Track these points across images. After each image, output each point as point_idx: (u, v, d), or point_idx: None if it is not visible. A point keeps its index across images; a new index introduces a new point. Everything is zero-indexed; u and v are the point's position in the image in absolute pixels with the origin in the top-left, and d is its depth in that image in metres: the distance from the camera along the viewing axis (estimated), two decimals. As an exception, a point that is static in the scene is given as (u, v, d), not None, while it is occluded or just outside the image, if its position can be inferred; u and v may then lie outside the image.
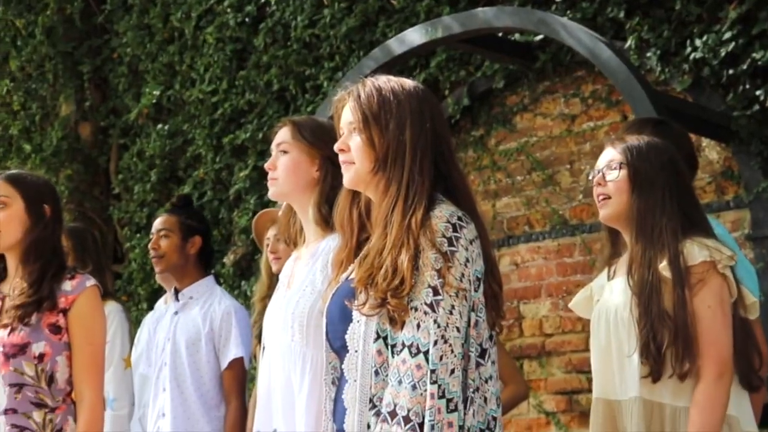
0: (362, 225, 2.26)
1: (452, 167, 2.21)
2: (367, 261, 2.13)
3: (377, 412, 2.07)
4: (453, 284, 2.06)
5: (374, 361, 2.10)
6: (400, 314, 2.06)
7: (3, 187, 3.03)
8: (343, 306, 2.16)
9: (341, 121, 2.27)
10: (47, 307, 2.92)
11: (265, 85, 6.36)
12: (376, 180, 2.19)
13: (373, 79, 2.25)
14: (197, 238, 4.07)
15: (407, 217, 2.11)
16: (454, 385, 2.03)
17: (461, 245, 2.09)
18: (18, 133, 7.37)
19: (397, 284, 2.06)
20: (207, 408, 3.86)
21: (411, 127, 2.17)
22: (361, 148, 2.20)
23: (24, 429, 2.87)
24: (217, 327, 3.91)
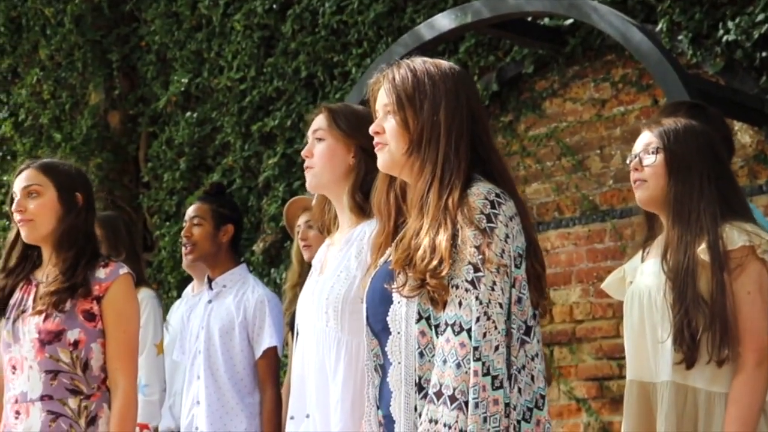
0: (399, 208, 2.24)
1: (490, 149, 2.20)
2: (404, 242, 2.12)
3: (425, 395, 2.05)
4: (493, 260, 2.03)
5: (418, 343, 2.08)
6: (440, 294, 2.04)
7: (35, 176, 3.04)
8: (382, 289, 2.15)
9: (376, 104, 2.26)
10: (81, 294, 2.93)
11: (293, 72, 6.35)
12: (410, 162, 2.18)
13: (408, 60, 2.24)
14: (229, 227, 4.07)
15: (443, 197, 2.09)
16: (498, 362, 2.01)
17: (500, 221, 2.07)
18: (48, 122, 7.40)
19: (436, 264, 2.04)
20: (241, 396, 3.88)
21: (445, 109, 2.16)
22: (395, 129, 2.19)
23: (59, 415, 2.88)
24: (250, 316, 3.92)
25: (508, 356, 2.04)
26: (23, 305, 2.97)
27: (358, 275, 2.72)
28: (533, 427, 2.07)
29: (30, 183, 3.03)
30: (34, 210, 2.99)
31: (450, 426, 1.99)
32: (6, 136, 7.65)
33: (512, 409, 2.03)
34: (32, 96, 7.51)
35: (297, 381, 2.84)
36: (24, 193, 3.02)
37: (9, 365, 2.96)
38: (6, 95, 7.69)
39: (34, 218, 2.99)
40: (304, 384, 2.80)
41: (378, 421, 2.20)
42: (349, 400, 2.66)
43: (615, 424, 5.04)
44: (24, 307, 2.97)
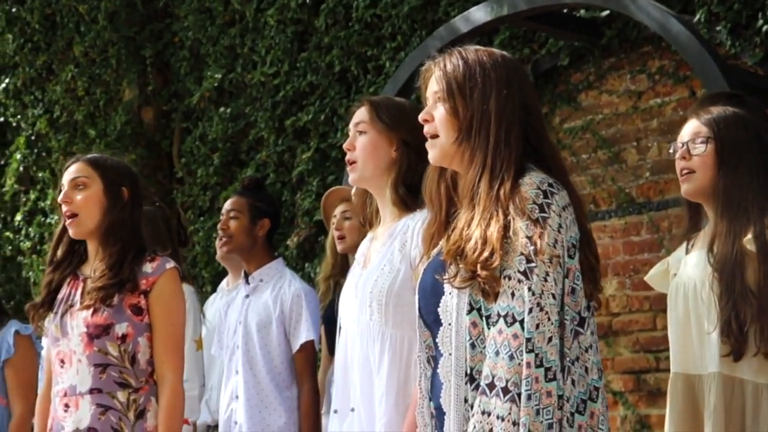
0: (450, 198, 2.23)
1: (543, 139, 2.18)
2: (455, 233, 2.11)
3: (476, 386, 2.04)
4: (546, 251, 2.02)
5: (469, 334, 2.07)
6: (492, 285, 2.03)
7: (83, 169, 3.06)
8: (434, 280, 2.14)
9: (427, 91, 2.25)
10: (129, 288, 2.95)
11: (326, 67, 6.36)
12: (460, 151, 2.17)
13: (460, 48, 2.23)
14: (266, 221, 4.08)
15: (495, 187, 2.08)
16: (551, 354, 1.99)
17: (553, 211, 2.05)
18: (83, 118, 7.45)
19: (487, 256, 2.03)
20: (279, 390, 3.88)
21: (496, 97, 2.14)
22: (444, 117, 2.19)
23: (109, 408, 2.90)
24: (287, 310, 3.92)
25: (561, 348, 2.02)
26: (71, 300, 2.99)
27: (402, 268, 2.72)
28: (587, 419, 2.05)
29: (77, 175, 3.05)
30: (79, 202, 3.01)
31: (503, 418, 1.98)
32: (41, 132, 7.71)
33: (565, 401, 2.01)
34: (67, 93, 7.56)
35: (340, 375, 2.85)
36: (71, 185, 3.05)
37: (57, 359, 2.98)
38: (41, 92, 7.74)
39: (79, 211, 3.01)
40: (348, 378, 2.81)
41: (430, 413, 2.19)
42: (394, 394, 2.67)
43: (652, 417, 5.02)
44: (72, 302, 2.99)
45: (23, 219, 7.81)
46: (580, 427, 2.04)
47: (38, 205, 7.75)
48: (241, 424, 3.86)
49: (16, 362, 4.12)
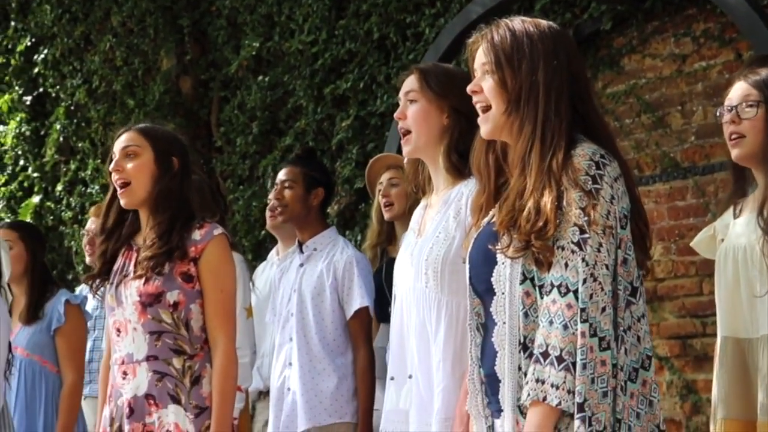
0: (499, 169, 2.25)
1: (590, 108, 2.19)
2: (507, 203, 2.13)
3: (529, 354, 2.07)
4: (599, 222, 2.04)
5: (522, 303, 2.09)
6: (546, 255, 2.06)
7: (134, 138, 3.09)
8: (485, 250, 2.16)
9: (475, 63, 2.26)
10: (178, 256, 2.97)
11: (365, 34, 6.33)
12: (510, 122, 2.18)
13: (507, 20, 2.24)
14: (320, 190, 4.10)
15: (547, 158, 2.10)
16: (605, 323, 2.01)
17: (606, 182, 2.07)
18: (121, 88, 7.47)
19: (541, 226, 2.05)
20: (332, 357, 3.91)
21: (544, 68, 2.15)
22: (493, 89, 2.20)
23: (165, 375, 2.94)
24: (340, 276, 3.95)
25: (614, 317, 2.04)
26: (125, 270, 3.03)
27: (457, 236, 2.72)
28: (639, 387, 2.09)
29: (129, 144, 3.08)
30: (130, 170, 3.03)
31: (557, 386, 2.01)
32: (80, 103, 7.75)
33: (619, 370, 2.04)
34: (105, 63, 7.58)
35: (396, 342, 2.87)
36: (122, 154, 3.07)
37: (114, 328, 3.02)
38: (79, 62, 7.77)
39: (131, 179, 3.03)
40: (404, 345, 2.83)
41: (480, 380, 2.22)
42: (450, 360, 2.69)
43: (698, 382, 5.01)
44: (126, 272, 3.02)
45: (64, 189, 7.87)
46: (633, 395, 2.07)
47: (78, 175, 7.80)
48: (294, 390, 3.90)
49: (67, 331, 4.20)
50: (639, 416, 2.06)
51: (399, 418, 2.84)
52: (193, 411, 2.92)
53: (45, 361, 4.18)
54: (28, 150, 8.05)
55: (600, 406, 1.99)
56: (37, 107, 8.06)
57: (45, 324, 4.20)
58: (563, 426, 2.02)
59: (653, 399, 2.09)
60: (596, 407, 1.99)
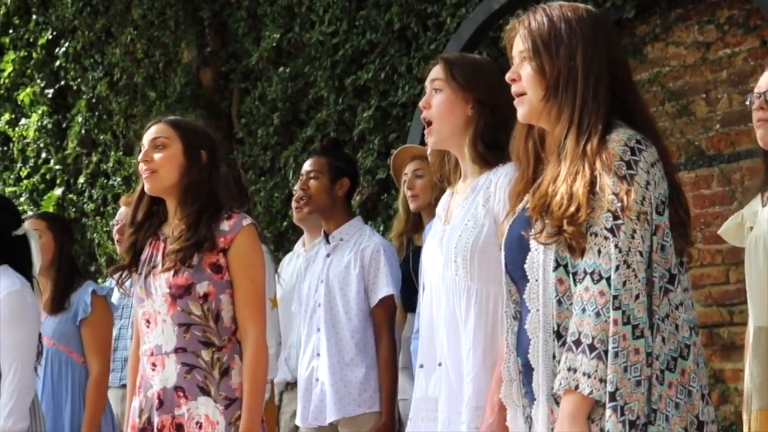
0: (538, 156, 2.23)
1: (630, 93, 2.17)
2: (541, 189, 2.12)
3: (563, 342, 2.05)
4: (633, 208, 2.01)
5: (556, 290, 2.07)
6: (578, 241, 2.03)
7: (164, 129, 3.09)
8: (520, 236, 2.14)
9: (512, 51, 2.24)
10: (207, 247, 2.97)
11: (386, 25, 6.31)
12: (548, 108, 2.16)
13: (544, 6, 2.22)
14: (345, 180, 4.10)
15: (581, 143, 2.08)
16: (639, 311, 1.99)
17: (641, 168, 2.04)
18: (142, 80, 7.48)
19: (573, 211, 2.03)
20: (360, 346, 3.91)
21: (583, 53, 2.13)
22: (531, 76, 2.18)
23: (194, 367, 2.94)
24: (366, 264, 3.95)
25: (649, 305, 2.01)
26: (153, 261, 3.03)
27: (486, 223, 2.71)
28: (678, 376, 2.05)
29: (158, 135, 3.08)
30: (159, 161, 3.04)
31: (589, 375, 1.98)
32: (101, 95, 7.76)
33: (654, 359, 2.01)
34: (126, 55, 7.59)
35: (426, 330, 2.86)
36: (151, 145, 3.07)
37: (143, 319, 3.02)
38: (101, 55, 7.78)
39: (158, 169, 3.03)
40: (434, 333, 2.82)
41: (517, 368, 2.20)
42: (481, 348, 2.67)
43: (726, 371, 4.98)
44: (154, 263, 3.02)
45: (86, 181, 7.89)
46: (671, 385, 2.04)
47: (100, 168, 7.82)
48: (322, 381, 3.90)
49: (93, 321, 4.21)
50: (678, 406, 2.03)
51: (428, 406, 2.83)
52: (223, 402, 2.92)
53: (71, 350, 4.20)
54: (50, 143, 8.08)
55: (633, 395, 1.97)
56: (58, 100, 8.08)
57: (71, 314, 4.21)
58: (597, 416, 2.00)
59: (692, 389, 2.06)
60: (629, 396, 1.96)
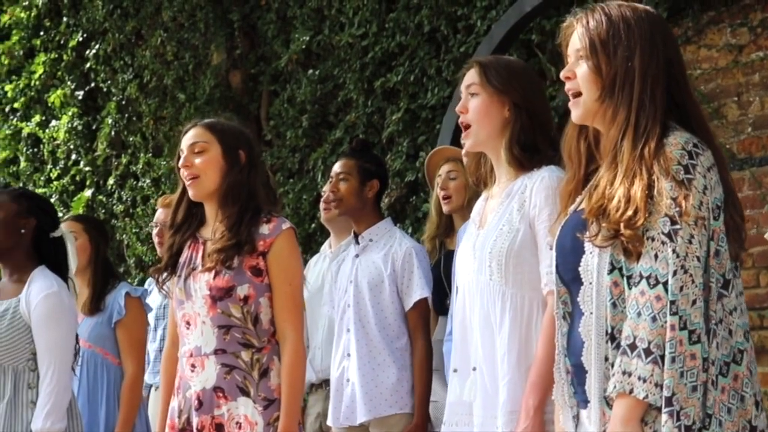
0: (590, 156, 2.22)
1: (687, 95, 2.16)
2: (597, 191, 2.11)
3: (617, 345, 2.05)
4: (691, 213, 2.01)
5: (610, 293, 2.07)
6: (635, 245, 2.03)
7: (201, 134, 3.10)
8: (573, 238, 2.14)
9: (568, 48, 2.23)
10: (247, 250, 2.99)
11: (415, 27, 6.32)
12: (603, 109, 2.16)
13: (603, 5, 2.21)
14: (375, 182, 4.11)
15: (639, 145, 2.07)
16: (695, 317, 1.99)
17: (698, 172, 2.04)
18: (172, 82, 7.51)
19: (631, 215, 2.02)
20: (391, 348, 3.92)
21: (641, 54, 2.12)
22: (587, 75, 2.17)
23: (233, 368, 2.96)
24: (399, 268, 3.96)
25: (705, 310, 2.01)
26: (193, 263, 3.05)
27: (521, 228, 2.72)
28: (731, 381, 2.05)
29: (196, 140, 3.09)
30: (199, 165, 3.05)
31: (645, 379, 1.99)
32: (131, 97, 7.80)
33: (710, 364, 2.01)
34: (156, 58, 7.63)
35: (459, 334, 2.86)
36: (190, 150, 3.09)
37: (183, 321, 3.04)
38: (130, 57, 7.83)
39: (200, 174, 3.05)
40: (467, 337, 2.82)
41: (566, 369, 2.20)
42: (515, 353, 2.68)
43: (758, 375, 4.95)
44: (194, 265, 3.04)
45: (115, 183, 7.94)
46: (724, 389, 2.04)
47: (130, 169, 7.87)
48: (353, 381, 3.91)
49: (128, 323, 4.23)
50: (730, 411, 2.03)
51: (463, 410, 2.84)
52: (261, 403, 2.94)
53: (106, 352, 4.22)
54: (80, 144, 8.13)
55: (689, 400, 1.97)
56: (88, 102, 8.13)
57: (106, 316, 4.24)
58: (650, 419, 2.00)
59: (745, 394, 2.05)
60: (685, 401, 1.96)
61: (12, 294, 3.45)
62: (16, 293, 3.44)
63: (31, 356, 3.38)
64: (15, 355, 3.37)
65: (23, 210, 3.50)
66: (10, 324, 3.37)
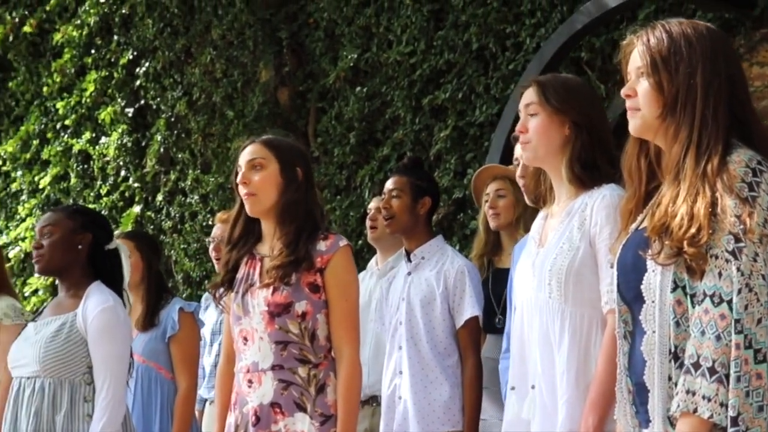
0: (651, 174, 2.22)
1: (749, 112, 2.15)
2: (660, 209, 2.10)
3: (680, 364, 2.03)
4: (755, 230, 2.00)
5: (674, 312, 2.06)
6: (699, 263, 2.02)
7: (259, 150, 3.13)
8: (635, 256, 2.13)
9: (629, 66, 2.23)
10: (305, 267, 3.01)
11: (463, 45, 6.34)
12: (664, 126, 2.15)
13: (663, 22, 2.21)
14: (427, 199, 4.12)
15: (702, 163, 2.06)
16: (761, 335, 1.97)
17: (763, 190, 2.03)
18: (221, 100, 7.58)
19: (694, 232, 2.01)
20: (443, 366, 3.93)
21: (703, 71, 2.12)
22: (648, 93, 2.17)
23: (290, 383, 2.98)
24: (451, 286, 3.96)
25: (771, 330, 1.99)
26: (250, 279, 3.07)
27: (582, 246, 2.71)
28: None
29: (254, 156, 3.12)
30: (257, 183, 3.08)
31: (709, 398, 1.97)
32: (180, 114, 7.88)
33: None
34: (205, 75, 7.70)
35: (517, 352, 2.86)
36: (248, 166, 3.11)
37: (240, 336, 3.06)
38: (180, 75, 7.91)
39: (257, 192, 3.08)
40: (525, 355, 2.82)
41: (628, 389, 2.19)
42: (574, 371, 2.67)
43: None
44: (251, 281, 3.06)
45: (164, 199, 8.01)
46: (790, 410, 2.01)
47: (178, 186, 7.94)
48: (405, 399, 3.92)
49: (181, 338, 4.27)
50: None
51: (521, 428, 2.83)
52: (318, 419, 2.96)
53: (160, 367, 4.26)
54: (129, 161, 8.22)
55: (755, 420, 1.95)
56: (138, 119, 8.22)
57: (160, 331, 4.28)
58: (713, 438, 1.98)
59: None
60: (751, 422, 1.95)
61: (69, 309, 3.49)
62: (72, 308, 3.48)
63: (87, 370, 3.42)
64: (72, 369, 3.41)
65: (78, 226, 3.55)
66: (67, 338, 3.42)
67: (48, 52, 8.79)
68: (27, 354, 3.43)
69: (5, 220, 9.07)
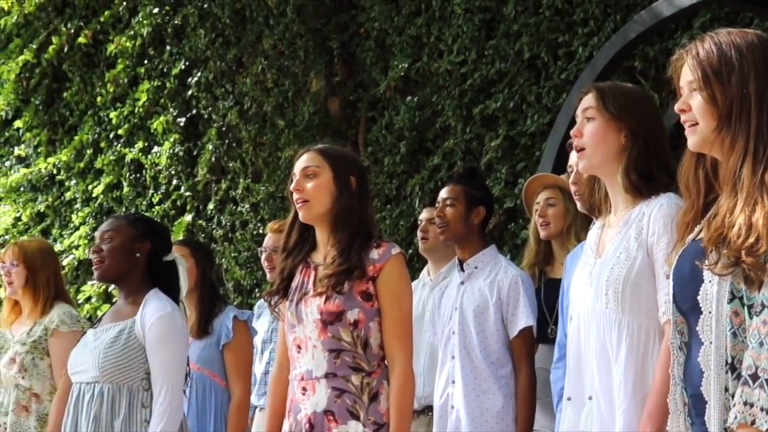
0: (709, 186, 2.21)
1: None
2: (717, 220, 2.09)
3: (737, 376, 2.02)
4: None
5: (731, 323, 2.05)
6: (757, 273, 2.00)
7: (314, 158, 3.16)
8: (692, 267, 2.12)
9: (680, 81, 2.23)
10: (358, 275, 3.04)
11: (515, 54, 6.34)
12: (720, 138, 2.14)
13: (711, 34, 2.21)
14: (481, 208, 4.13)
15: (759, 172, 2.05)
16: None
17: None
18: (272, 109, 7.63)
19: (753, 242, 2.00)
20: (496, 376, 3.93)
21: (755, 80, 2.11)
22: (702, 106, 2.16)
23: (344, 391, 3.00)
24: (504, 296, 3.96)
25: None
26: (304, 288, 3.10)
27: (639, 256, 2.70)
28: None
29: (309, 164, 3.15)
30: (311, 190, 3.11)
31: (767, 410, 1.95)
32: (231, 123, 7.95)
33: None
34: (256, 85, 7.76)
35: (573, 363, 2.85)
36: (302, 174, 3.15)
37: (294, 345, 3.09)
38: (231, 85, 7.98)
39: (310, 199, 3.11)
40: (582, 366, 2.81)
41: (683, 401, 2.18)
42: (632, 382, 2.66)
43: None
44: (305, 290, 3.09)
45: (215, 208, 8.08)
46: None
47: (229, 194, 8.00)
48: (458, 408, 3.92)
49: (235, 346, 4.31)
50: None
51: (578, 439, 2.83)
52: (371, 427, 2.98)
53: (214, 375, 4.30)
54: (181, 170, 8.30)
55: None
56: (190, 128, 8.30)
57: (214, 339, 4.32)
58: (772, 450, 1.96)
59: None
60: None
61: (128, 315, 3.54)
62: (131, 315, 3.53)
63: (145, 376, 3.46)
64: (130, 375, 3.45)
65: (139, 234, 3.59)
66: (125, 344, 3.46)
67: (102, 63, 8.91)
68: (86, 360, 3.48)
69: (60, 228, 9.20)
